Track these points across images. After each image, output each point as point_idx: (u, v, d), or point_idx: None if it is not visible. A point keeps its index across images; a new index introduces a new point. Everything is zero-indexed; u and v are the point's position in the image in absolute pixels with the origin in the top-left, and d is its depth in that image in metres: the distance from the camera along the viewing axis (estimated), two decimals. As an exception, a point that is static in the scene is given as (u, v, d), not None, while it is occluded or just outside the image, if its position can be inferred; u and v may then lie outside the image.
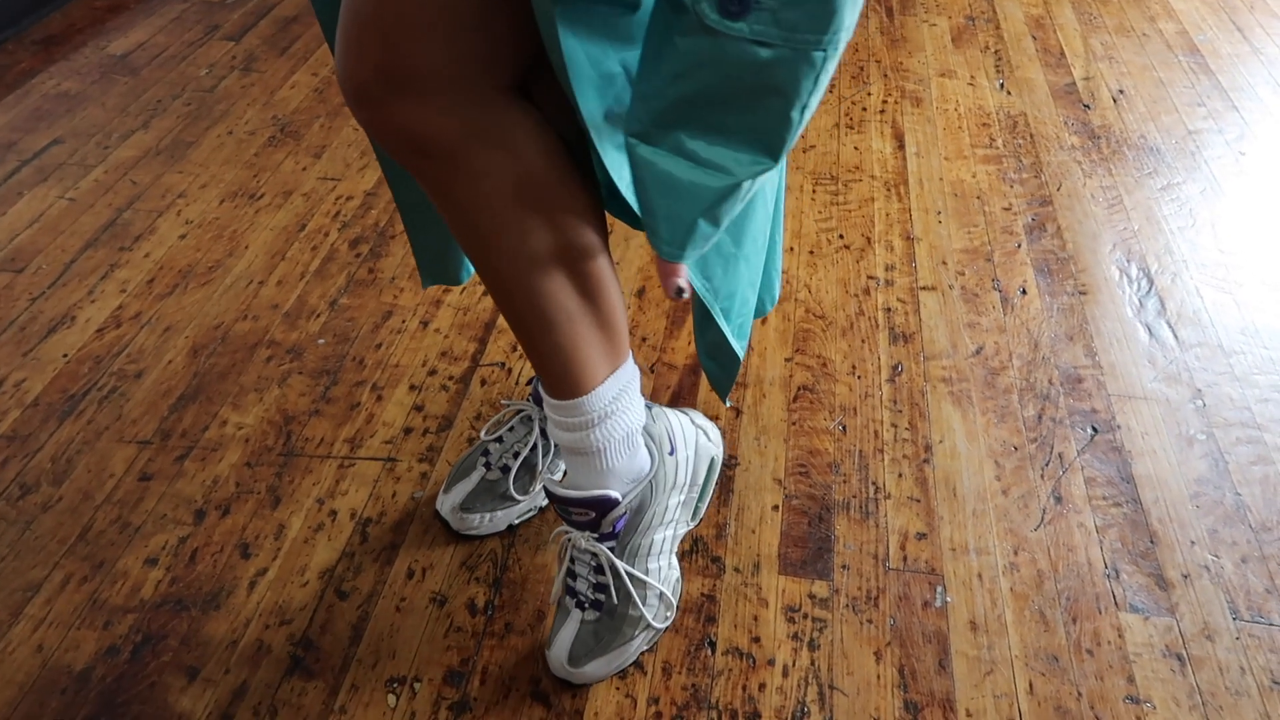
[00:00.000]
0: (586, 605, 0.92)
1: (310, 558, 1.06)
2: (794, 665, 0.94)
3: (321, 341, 1.34)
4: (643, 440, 0.90)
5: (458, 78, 0.65)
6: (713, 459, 1.05)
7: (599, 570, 0.92)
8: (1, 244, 1.54)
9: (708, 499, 1.05)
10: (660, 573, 0.95)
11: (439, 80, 0.64)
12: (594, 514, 0.88)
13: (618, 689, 0.93)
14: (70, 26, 2.19)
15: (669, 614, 0.96)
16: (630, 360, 0.85)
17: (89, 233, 1.56)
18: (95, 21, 2.22)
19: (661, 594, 0.94)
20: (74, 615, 1.01)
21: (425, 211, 0.97)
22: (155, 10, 2.27)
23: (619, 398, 0.84)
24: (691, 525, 1.04)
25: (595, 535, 0.90)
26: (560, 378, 0.81)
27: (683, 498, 0.97)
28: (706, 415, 1.21)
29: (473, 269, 1.05)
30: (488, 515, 1.06)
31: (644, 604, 0.93)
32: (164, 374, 1.30)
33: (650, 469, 0.91)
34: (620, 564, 0.91)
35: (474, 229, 0.73)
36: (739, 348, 0.89)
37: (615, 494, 0.87)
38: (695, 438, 1.01)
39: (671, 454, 0.94)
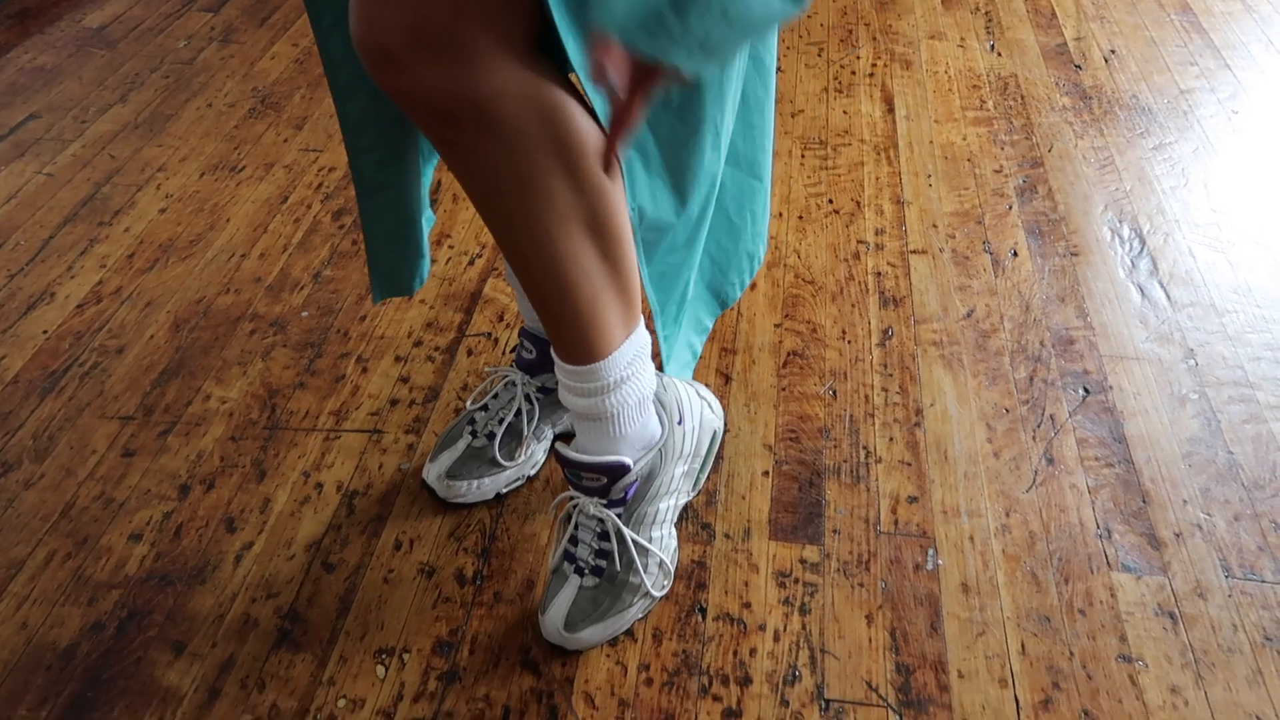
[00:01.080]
0: (586, 571, 0.92)
1: (296, 531, 1.05)
2: (785, 630, 0.94)
3: (305, 314, 1.33)
4: (654, 407, 0.90)
5: (490, 35, 0.61)
6: (715, 431, 1.05)
7: (603, 537, 0.92)
8: (-21, 221, 1.51)
9: (708, 470, 1.05)
10: (661, 541, 0.95)
11: (471, 39, 0.61)
12: (605, 480, 0.88)
13: (608, 656, 0.92)
14: (44, 0, 2.15)
15: (666, 583, 0.96)
16: (642, 325, 0.84)
17: (67, 208, 1.54)
18: (71, -6, 2.18)
19: (661, 562, 0.94)
20: (58, 592, 0.99)
21: (389, 216, 0.92)
22: (132, -18, 2.23)
23: (633, 362, 0.83)
24: (692, 495, 1.04)
25: (604, 501, 0.90)
26: (578, 342, 0.79)
27: (686, 468, 0.97)
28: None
29: (425, 276, 1.01)
30: (475, 483, 1.05)
31: (645, 571, 0.93)
32: (146, 349, 1.28)
33: (661, 436, 0.91)
34: (627, 531, 0.91)
35: (498, 192, 0.70)
36: (653, 296, 0.86)
37: (628, 460, 0.87)
38: (700, 409, 1.00)
39: (680, 423, 0.93)
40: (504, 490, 1.07)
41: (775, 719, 0.87)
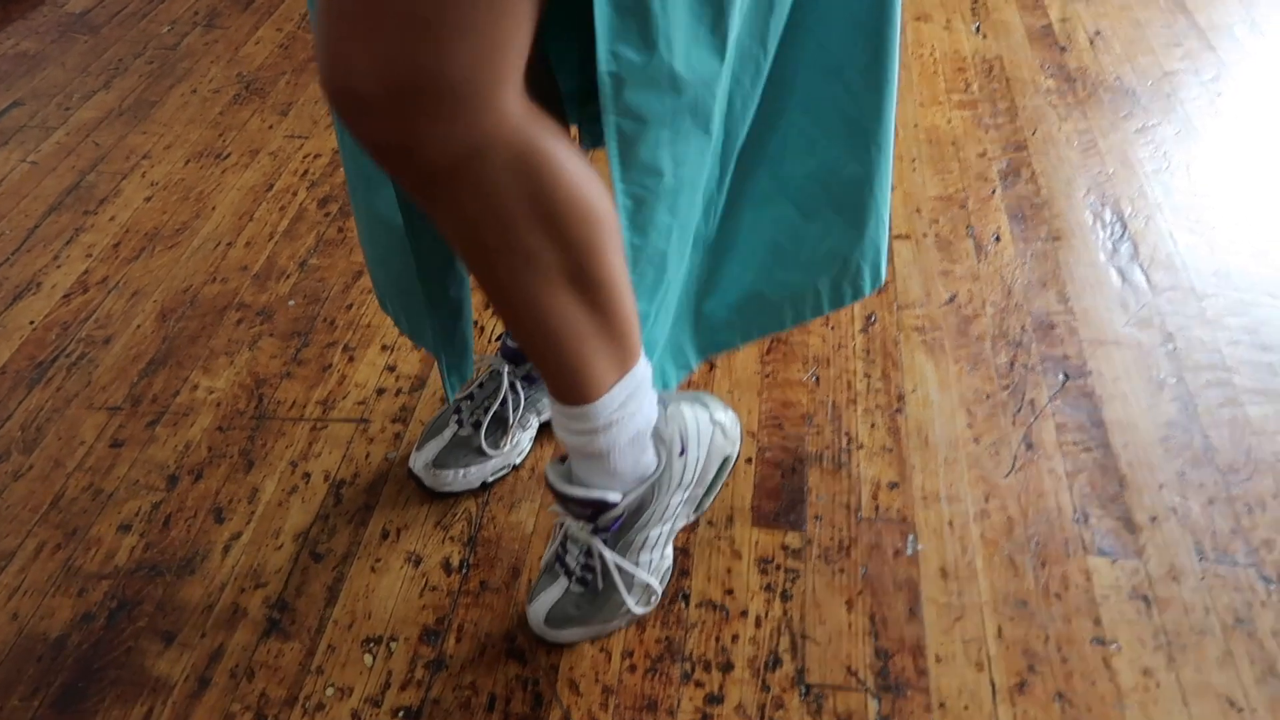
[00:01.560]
0: (574, 579, 0.91)
1: (284, 521, 1.06)
2: (766, 616, 0.95)
3: (292, 303, 1.33)
4: (651, 441, 0.86)
5: (481, 80, 0.54)
6: (727, 457, 0.99)
7: (589, 554, 0.90)
8: (-37, 210, 1.51)
9: (715, 495, 0.99)
10: (651, 564, 0.93)
11: (459, 85, 0.53)
12: (591, 510, 0.86)
13: (592, 643, 0.94)
14: (26, -17, 2.13)
15: (652, 600, 0.94)
16: (642, 361, 0.80)
17: (52, 196, 1.54)
18: (52, -22, 2.16)
19: (647, 585, 0.92)
20: (49, 583, 1.01)
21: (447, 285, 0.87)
22: (114, -35, 2.21)
23: (627, 403, 0.80)
24: (693, 518, 1.01)
25: (590, 527, 0.88)
26: (566, 387, 0.77)
27: (687, 495, 0.93)
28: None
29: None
30: (461, 471, 1.06)
31: (628, 592, 0.91)
32: (133, 339, 1.28)
33: (655, 471, 0.87)
34: (610, 557, 0.89)
35: (475, 244, 0.65)
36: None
37: (614, 497, 0.85)
38: (710, 436, 0.94)
39: (682, 454, 0.89)
40: (490, 479, 1.08)
41: (756, 704, 0.89)
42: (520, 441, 1.10)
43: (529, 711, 0.89)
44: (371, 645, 0.94)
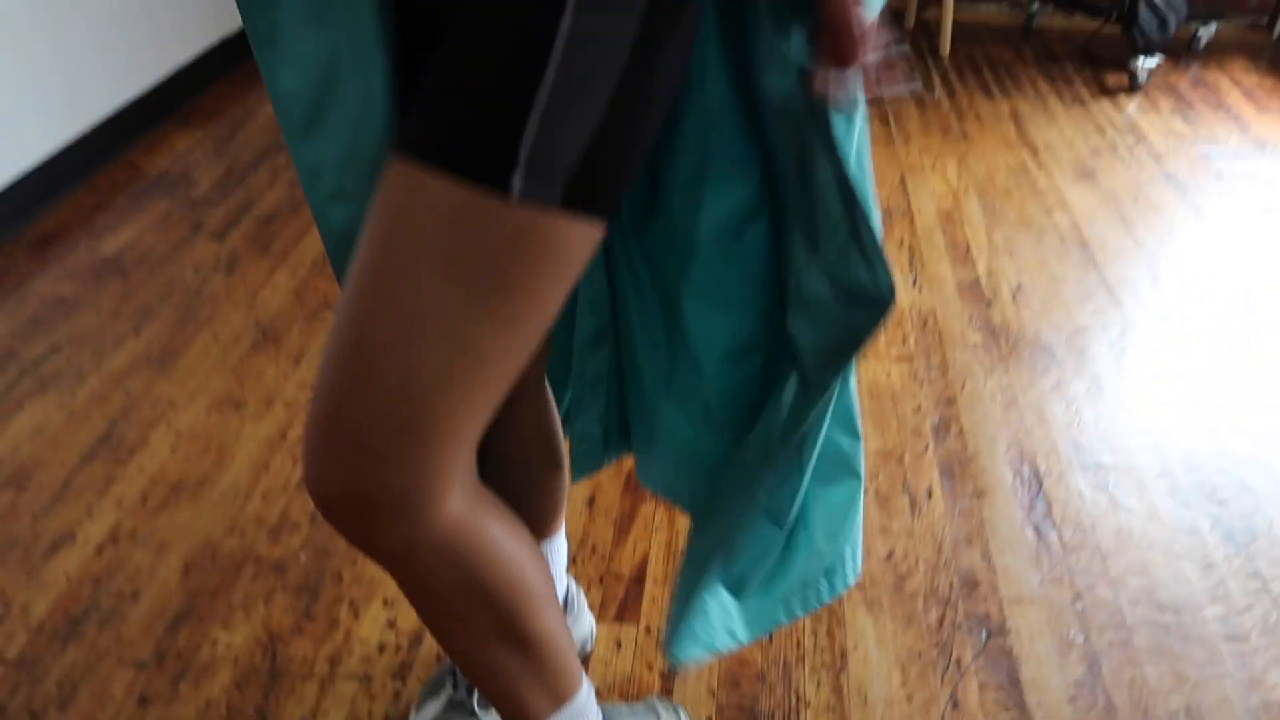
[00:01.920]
0: None
1: (296, 781, 1.19)
2: None
3: (302, 557, 1.49)
4: None
5: (418, 499, 0.67)
6: None
7: None
8: (4, 458, 1.67)
9: None
10: None
11: (399, 504, 0.66)
12: None
13: None
14: (63, 226, 2.37)
15: None
16: (581, 694, 0.88)
17: (85, 446, 1.71)
18: (85, 219, 2.40)
19: None
20: (82, 845, 1.12)
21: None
22: (142, 206, 2.46)
23: None
24: None
25: None
26: (504, 712, 0.86)
27: None
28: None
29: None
30: (455, 733, 1.20)
31: None
32: (159, 593, 1.43)
33: None
34: None
35: (416, 605, 0.77)
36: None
37: None
38: None
39: None
40: (480, 741, 1.21)
41: None
42: (508, 703, 1.24)
43: None
44: None
